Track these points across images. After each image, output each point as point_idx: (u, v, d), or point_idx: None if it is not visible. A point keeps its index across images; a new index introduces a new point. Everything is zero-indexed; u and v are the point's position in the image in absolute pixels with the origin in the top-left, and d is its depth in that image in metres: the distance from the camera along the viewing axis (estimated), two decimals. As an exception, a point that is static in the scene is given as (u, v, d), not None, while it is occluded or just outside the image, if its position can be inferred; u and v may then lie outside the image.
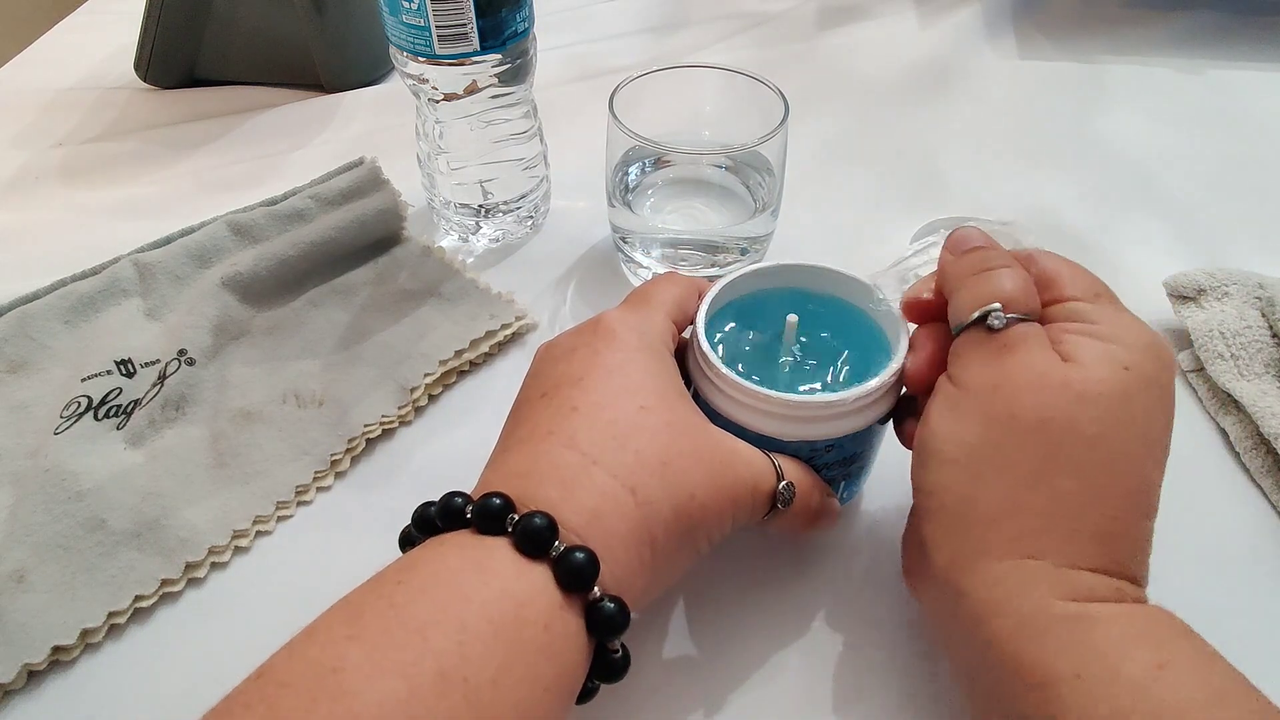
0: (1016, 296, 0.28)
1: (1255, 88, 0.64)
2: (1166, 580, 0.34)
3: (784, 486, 0.29)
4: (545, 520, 0.24)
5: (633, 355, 0.29)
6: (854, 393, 0.30)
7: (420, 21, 0.40)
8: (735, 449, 0.29)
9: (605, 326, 0.30)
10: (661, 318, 0.32)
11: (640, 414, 0.28)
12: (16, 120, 0.63)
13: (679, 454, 0.27)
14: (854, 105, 0.63)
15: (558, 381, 0.29)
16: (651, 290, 0.33)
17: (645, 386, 0.29)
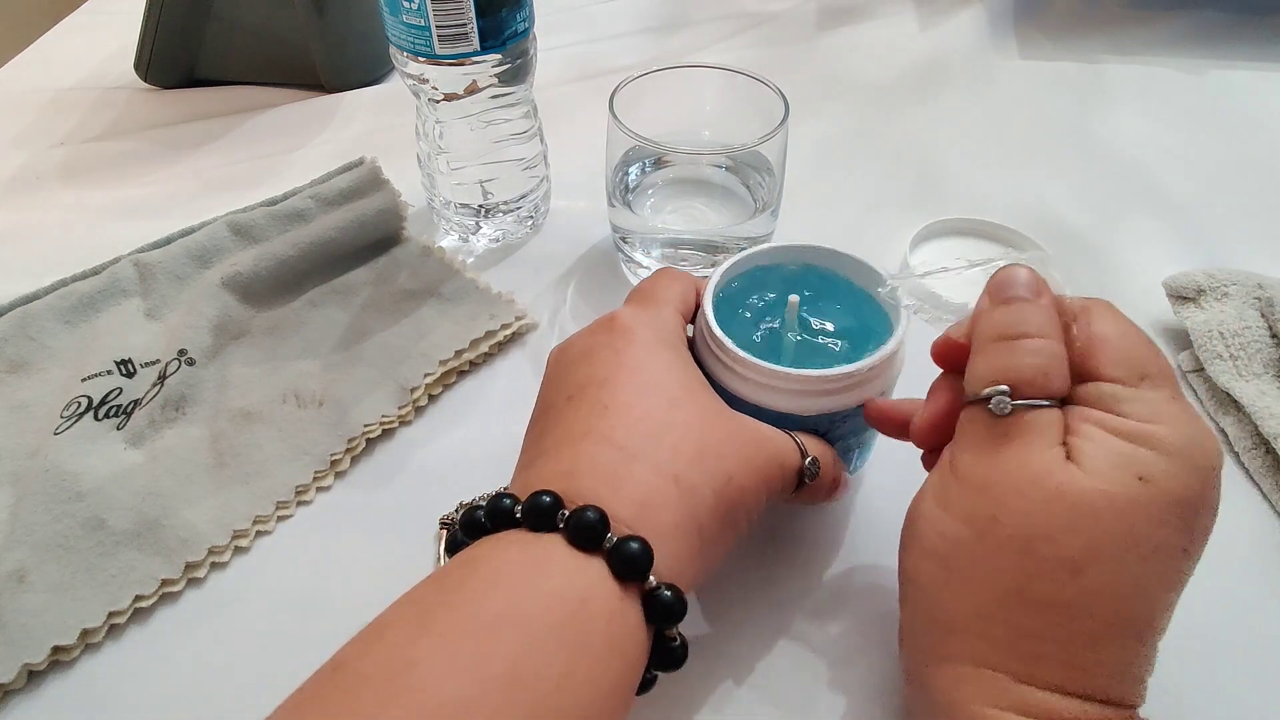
0: (1033, 379, 0.25)
1: (1255, 88, 0.64)
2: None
3: (810, 462, 0.30)
4: (597, 513, 0.24)
5: (653, 351, 0.30)
6: (867, 362, 0.31)
7: (420, 21, 0.40)
8: (761, 431, 0.30)
9: (621, 325, 0.31)
10: (671, 313, 0.32)
11: (670, 408, 0.28)
12: (16, 120, 0.63)
13: (713, 442, 0.28)
14: (854, 105, 0.63)
15: (582, 384, 0.29)
16: (657, 287, 0.33)
17: (670, 381, 0.29)
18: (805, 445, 0.31)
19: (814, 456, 0.31)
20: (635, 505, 0.25)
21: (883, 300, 0.35)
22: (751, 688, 0.32)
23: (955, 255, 0.48)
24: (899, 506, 0.37)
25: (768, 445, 0.29)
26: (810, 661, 0.32)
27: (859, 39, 0.70)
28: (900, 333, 0.32)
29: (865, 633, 0.33)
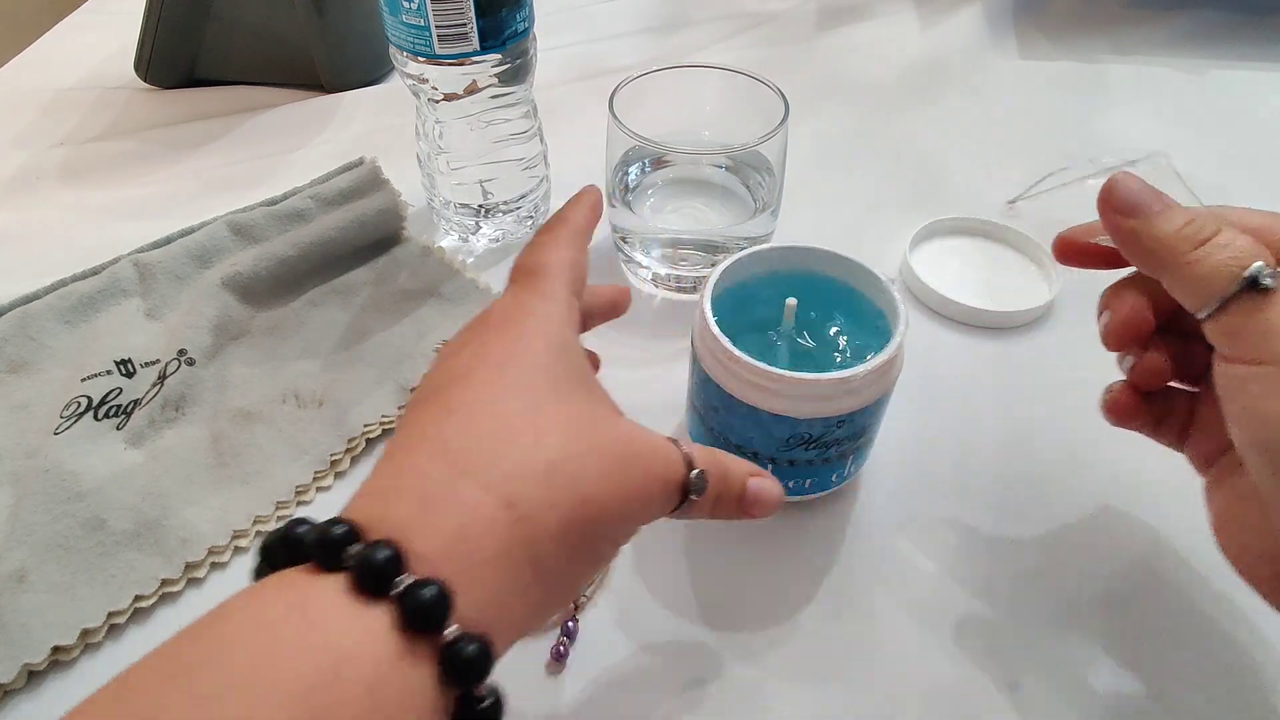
0: (1266, 254, 0.25)
1: (1255, 88, 0.64)
2: (1167, 580, 0.35)
3: (695, 476, 0.27)
4: (388, 552, 0.20)
5: (526, 344, 0.27)
6: (865, 368, 0.31)
7: (420, 21, 0.40)
8: (639, 439, 0.26)
9: (495, 314, 0.28)
10: (557, 290, 0.29)
11: (527, 412, 0.25)
12: (16, 120, 0.63)
13: (571, 455, 0.24)
14: (854, 105, 0.63)
15: (440, 382, 0.26)
16: (541, 258, 0.30)
17: (536, 380, 0.26)
18: (694, 456, 0.27)
19: (700, 470, 0.27)
20: (447, 536, 0.22)
21: (882, 303, 0.34)
22: (752, 689, 0.32)
23: (955, 255, 0.48)
24: (898, 508, 0.37)
25: (642, 459, 0.26)
26: (811, 663, 0.32)
27: (859, 39, 0.70)
28: (899, 336, 0.32)
29: (866, 633, 0.33)
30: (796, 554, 0.35)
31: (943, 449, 0.39)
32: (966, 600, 0.34)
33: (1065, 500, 0.37)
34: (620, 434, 0.26)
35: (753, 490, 0.29)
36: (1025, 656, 0.32)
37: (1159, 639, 0.32)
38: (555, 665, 0.32)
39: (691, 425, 0.37)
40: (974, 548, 0.36)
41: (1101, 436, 0.40)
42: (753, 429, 0.33)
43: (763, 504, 0.29)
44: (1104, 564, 0.35)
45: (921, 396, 0.41)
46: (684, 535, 0.36)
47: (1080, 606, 0.34)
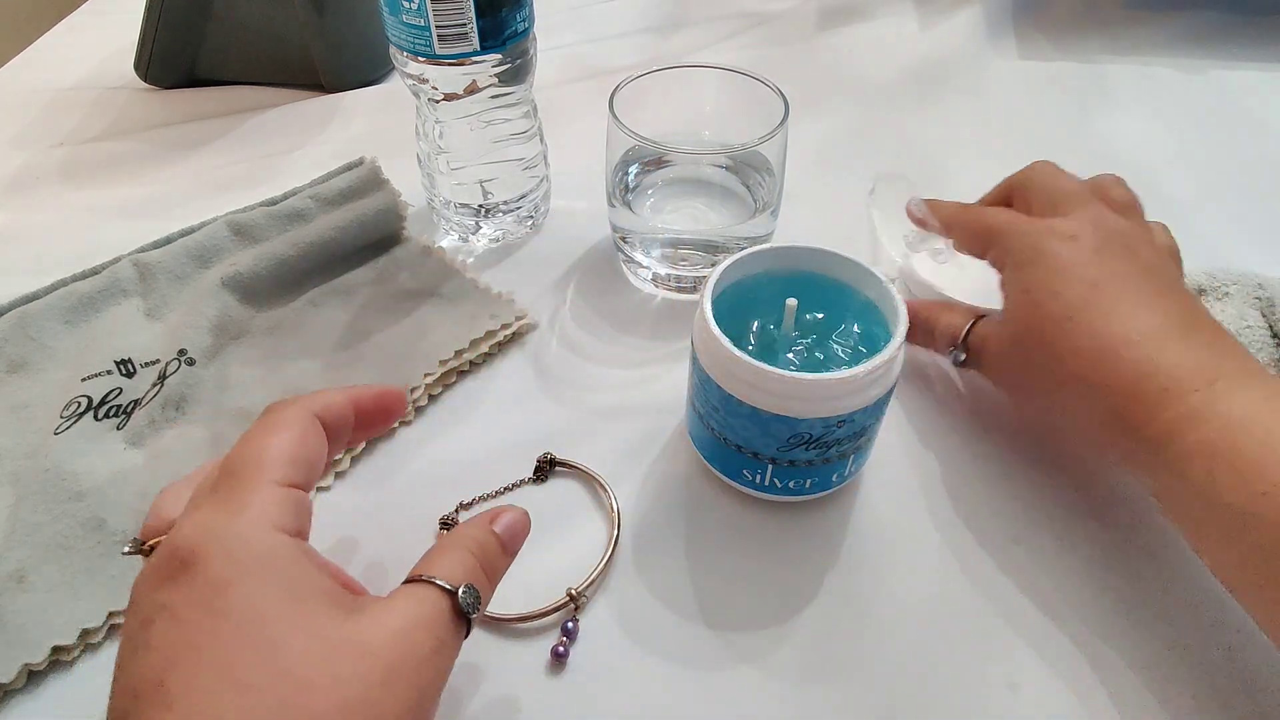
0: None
1: (1255, 88, 0.64)
2: (1167, 579, 0.35)
3: (465, 593, 0.25)
4: None
5: (227, 603, 0.22)
6: (865, 367, 0.31)
7: (420, 21, 0.40)
8: (387, 623, 0.23)
9: (183, 566, 0.23)
10: (265, 501, 0.24)
11: (254, 701, 0.21)
12: (16, 120, 0.63)
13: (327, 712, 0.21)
14: (854, 105, 0.63)
15: (136, 689, 0.21)
16: (249, 456, 0.26)
17: (252, 648, 0.22)
18: (445, 575, 0.25)
19: (467, 584, 0.25)
20: None
21: (882, 303, 0.34)
22: (752, 689, 0.32)
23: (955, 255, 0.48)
24: (897, 509, 0.37)
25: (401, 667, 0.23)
26: (811, 663, 0.32)
27: (859, 39, 0.70)
28: (899, 337, 0.32)
29: (866, 633, 0.33)
30: (796, 554, 0.35)
31: (943, 449, 0.39)
32: (966, 600, 0.34)
33: (1065, 500, 0.37)
34: (365, 644, 0.23)
35: (505, 533, 0.28)
36: (1025, 656, 0.32)
37: (1159, 639, 0.32)
38: (555, 665, 0.32)
39: (691, 425, 0.37)
40: (974, 548, 0.36)
41: (1101, 436, 0.40)
42: (753, 429, 0.33)
43: (518, 535, 0.29)
44: (1104, 563, 0.35)
45: (922, 396, 0.41)
46: (684, 535, 0.36)
47: (1080, 606, 0.34)
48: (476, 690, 0.31)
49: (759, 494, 0.36)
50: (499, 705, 0.31)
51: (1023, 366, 0.35)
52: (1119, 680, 0.31)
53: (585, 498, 0.38)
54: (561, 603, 0.33)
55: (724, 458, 0.35)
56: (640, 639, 0.33)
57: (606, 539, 0.36)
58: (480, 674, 0.32)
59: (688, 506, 0.37)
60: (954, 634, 0.33)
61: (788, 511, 0.37)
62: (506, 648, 0.33)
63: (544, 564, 0.35)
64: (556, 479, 0.39)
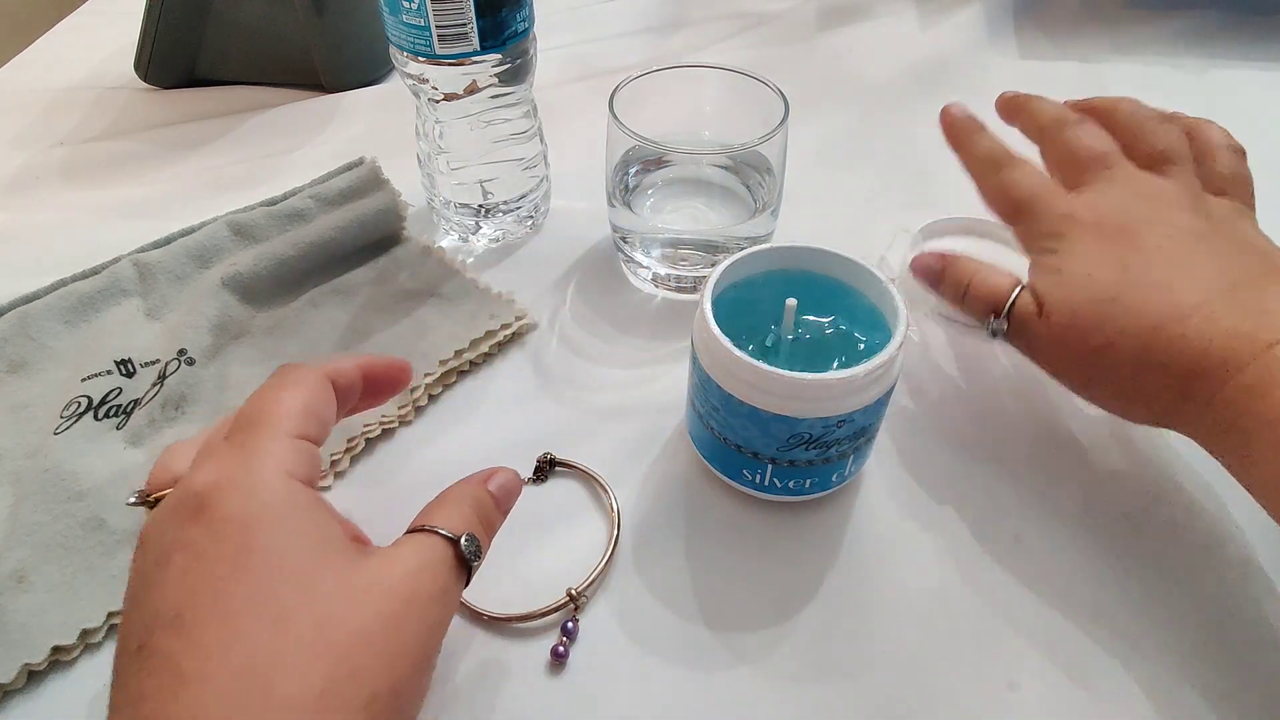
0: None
1: (1255, 88, 0.63)
2: (1167, 579, 0.35)
3: (466, 542, 0.26)
4: None
5: (249, 539, 0.22)
6: (865, 367, 0.31)
7: (420, 21, 0.40)
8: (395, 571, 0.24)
9: (201, 506, 0.23)
10: (280, 449, 0.25)
11: (275, 633, 0.21)
12: (16, 120, 0.63)
13: (345, 661, 0.22)
14: (854, 105, 0.63)
15: (150, 624, 0.22)
16: (263, 409, 0.26)
17: (274, 584, 0.22)
18: (446, 525, 0.26)
19: (468, 533, 0.26)
20: None
21: (882, 303, 0.34)
22: (752, 689, 0.32)
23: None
24: (898, 508, 0.37)
25: (411, 605, 0.24)
26: (811, 663, 0.32)
27: (859, 39, 0.70)
28: (899, 337, 0.32)
29: (866, 633, 0.33)
30: (796, 554, 0.35)
31: (943, 449, 0.39)
32: (966, 600, 0.34)
33: (1065, 500, 0.37)
34: (377, 583, 0.24)
35: (499, 492, 0.30)
36: (1025, 656, 0.32)
37: (1159, 638, 0.32)
38: (555, 665, 0.32)
39: (691, 425, 0.37)
40: (974, 548, 0.36)
41: (1101, 436, 0.40)
42: (753, 429, 0.33)
43: (510, 494, 0.30)
44: (1104, 563, 0.35)
45: (921, 396, 0.41)
46: (684, 535, 0.36)
47: (1080, 606, 0.34)
48: (477, 690, 0.31)
49: (759, 494, 0.36)
50: (499, 705, 0.31)
51: (1074, 346, 0.33)
52: (1119, 680, 0.31)
53: (585, 498, 0.38)
54: (561, 603, 0.33)
55: (724, 458, 0.35)
56: (640, 639, 0.33)
57: (606, 539, 0.36)
58: (480, 674, 0.32)
59: (688, 506, 0.37)
60: (954, 634, 0.33)
61: (788, 511, 0.37)
62: (506, 648, 0.33)
63: (544, 564, 0.35)
64: (556, 479, 0.39)
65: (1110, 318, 0.32)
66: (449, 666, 0.32)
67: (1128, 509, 0.37)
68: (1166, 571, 0.35)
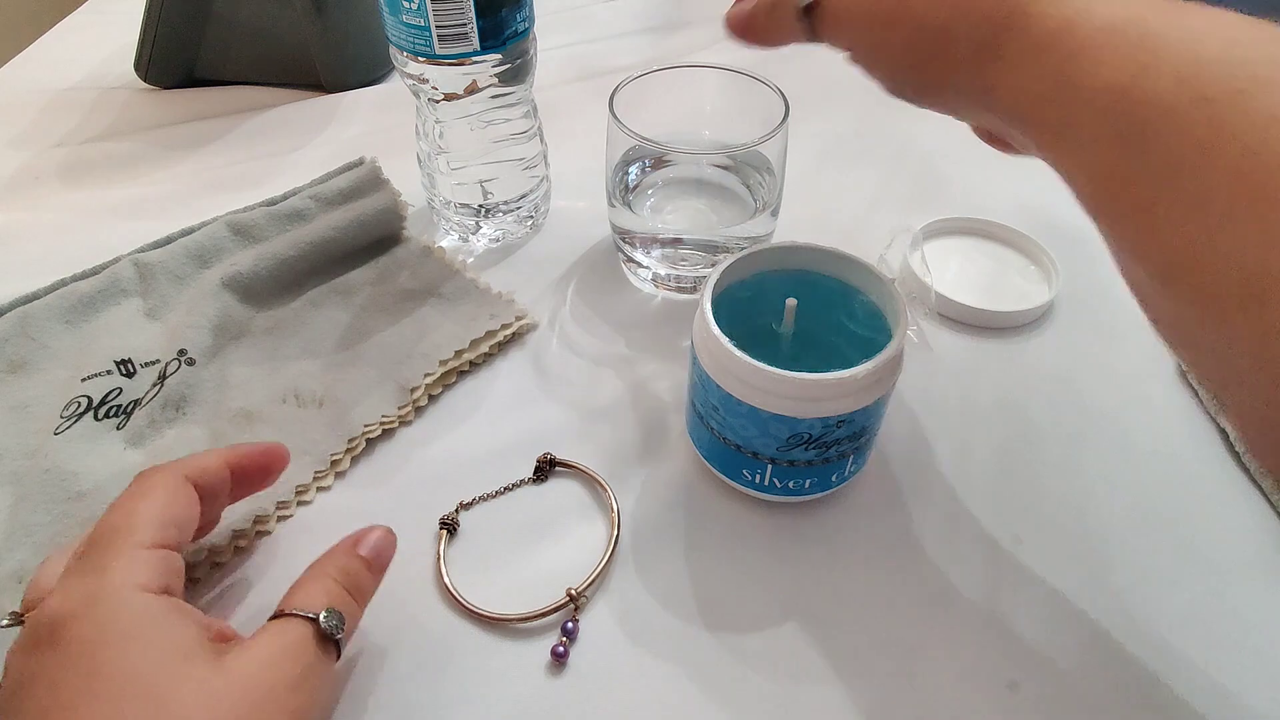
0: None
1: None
2: (1167, 580, 0.35)
3: (325, 619, 0.27)
4: None
5: (98, 662, 0.23)
6: (865, 367, 0.31)
7: (420, 21, 0.40)
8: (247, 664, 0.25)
9: (52, 633, 0.24)
10: (131, 564, 0.25)
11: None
12: (16, 120, 0.63)
13: None
14: (854, 105, 0.63)
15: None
16: (116, 523, 0.27)
17: (124, 703, 0.23)
18: (308, 603, 0.27)
19: (328, 608, 0.27)
20: None
21: (882, 303, 0.35)
22: (752, 689, 0.32)
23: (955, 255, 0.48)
24: (898, 508, 0.37)
25: (269, 697, 0.24)
26: (811, 663, 0.32)
27: (859, 39, 0.70)
28: (899, 337, 0.32)
29: (866, 633, 0.33)
30: (796, 554, 0.35)
31: (943, 449, 0.39)
32: (966, 600, 0.34)
33: (1065, 500, 0.37)
34: (233, 684, 0.24)
35: (370, 553, 0.30)
36: (1025, 656, 0.32)
37: (1159, 638, 0.32)
38: (555, 665, 0.32)
39: (691, 425, 0.37)
40: (974, 548, 0.36)
41: (1101, 437, 0.40)
42: (753, 429, 0.33)
43: (383, 553, 0.31)
44: (1103, 563, 0.35)
45: (921, 396, 0.41)
46: (684, 535, 0.36)
47: (1080, 606, 0.34)
48: (476, 690, 0.31)
49: (759, 494, 0.36)
50: (499, 705, 0.31)
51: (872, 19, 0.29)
52: (1119, 680, 0.31)
53: (585, 498, 0.38)
54: (561, 603, 0.33)
55: (724, 458, 0.35)
56: (640, 639, 0.33)
57: (606, 539, 0.36)
58: (480, 674, 0.32)
59: (688, 506, 0.37)
60: (954, 634, 0.33)
61: (788, 511, 0.37)
62: (506, 648, 0.33)
63: (544, 564, 0.35)
64: (556, 479, 0.39)
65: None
66: (449, 666, 0.32)
67: (1128, 508, 0.37)
68: (1167, 571, 0.35)
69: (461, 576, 0.35)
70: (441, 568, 0.35)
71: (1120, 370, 0.43)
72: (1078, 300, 0.46)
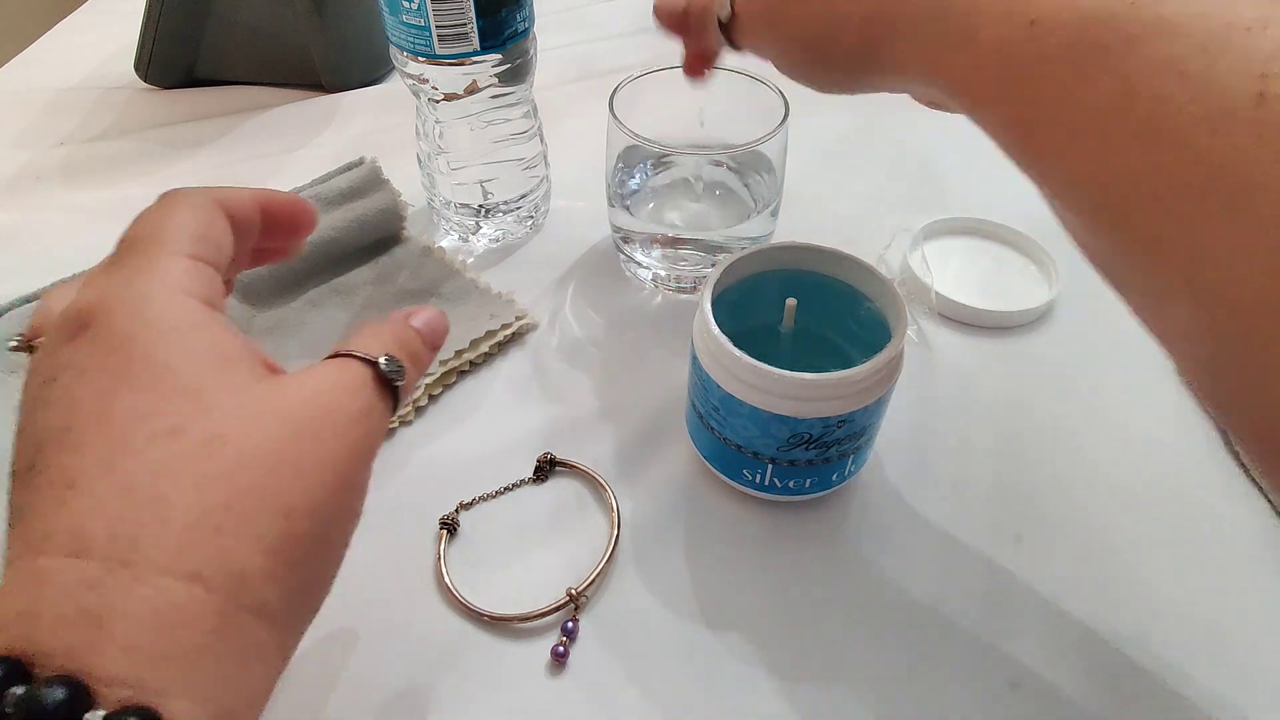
0: None
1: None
2: (1167, 580, 0.35)
3: (386, 364, 0.24)
4: (64, 693, 0.16)
5: (136, 352, 0.21)
6: (865, 368, 0.31)
7: (420, 21, 0.40)
8: (306, 391, 0.22)
9: (85, 323, 0.21)
10: (171, 266, 0.22)
11: (168, 445, 0.19)
12: (17, 120, 0.63)
13: (250, 475, 0.20)
14: (854, 105, 0.62)
15: (41, 441, 0.20)
16: (148, 231, 0.23)
17: (163, 397, 0.20)
18: (367, 347, 0.24)
19: (387, 355, 0.24)
20: (143, 650, 0.18)
21: (882, 303, 0.35)
22: (752, 689, 0.32)
23: (955, 255, 0.48)
24: (898, 508, 0.37)
25: (325, 421, 0.22)
26: (811, 662, 0.32)
27: (859, 39, 0.70)
28: (899, 337, 0.32)
29: (866, 633, 0.33)
30: (796, 554, 0.35)
31: (943, 449, 0.39)
32: (966, 600, 0.34)
33: (1065, 500, 0.37)
34: (284, 401, 0.22)
35: (424, 328, 0.27)
36: (1025, 656, 0.32)
37: (1159, 638, 0.32)
38: (555, 665, 0.32)
39: (691, 425, 0.37)
40: (974, 547, 0.36)
41: (1101, 436, 0.40)
42: (752, 429, 0.33)
43: (438, 330, 0.27)
44: (1103, 563, 0.35)
45: (921, 396, 0.41)
46: (684, 535, 0.36)
47: (1080, 606, 0.34)
48: (476, 690, 0.31)
49: (759, 494, 0.36)
50: (499, 705, 0.31)
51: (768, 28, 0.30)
52: (1119, 680, 0.31)
53: (585, 498, 0.38)
54: (561, 603, 0.33)
55: (724, 458, 0.35)
56: (640, 639, 0.33)
57: (606, 539, 0.36)
58: (480, 674, 0.32)
59: (688, 506, 0.37)
60: (954, 634, 0.33)
61: (788, 511, 0.37)
62: (506, 648, 0.33)
63: (544, 564, 0.35)
64: (556, 479, 0.39)
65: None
66: (449, 666, 0.32)
67: (1127, 508, 0.37)
68: (1167, 570, 0.35)
69: (461, 576, 0.35)
70: (441, 568, 0.35)
71: (1120, 370, 0.43)
72: (1078, 300, 0.46)
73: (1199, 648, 0.32)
